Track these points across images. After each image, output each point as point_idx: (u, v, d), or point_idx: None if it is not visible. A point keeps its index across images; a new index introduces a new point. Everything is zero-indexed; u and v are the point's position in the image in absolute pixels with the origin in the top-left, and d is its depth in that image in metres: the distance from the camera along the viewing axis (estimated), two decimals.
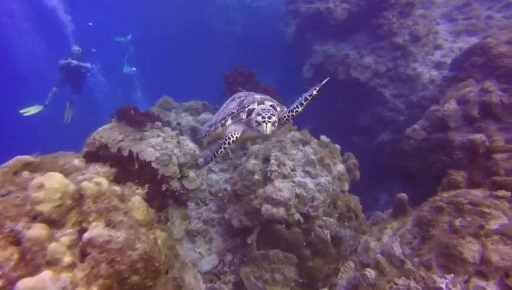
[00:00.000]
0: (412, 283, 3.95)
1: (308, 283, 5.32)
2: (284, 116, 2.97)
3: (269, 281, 5.11)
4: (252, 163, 5.41)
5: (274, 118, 2.77)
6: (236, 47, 22.06)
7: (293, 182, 5.27)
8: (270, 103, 3.06)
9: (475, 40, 8.97)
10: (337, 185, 5.65)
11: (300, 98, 2.94)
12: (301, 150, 5.71)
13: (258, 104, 3.02)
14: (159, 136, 5.53)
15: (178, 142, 5.52)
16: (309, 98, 2.85)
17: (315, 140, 6.31)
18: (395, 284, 4.12)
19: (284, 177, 5.25)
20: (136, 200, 2.92)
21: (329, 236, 5.34)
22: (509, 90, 6.60)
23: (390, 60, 9.88)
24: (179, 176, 5.32)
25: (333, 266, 5.39)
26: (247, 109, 3.00)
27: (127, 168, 3.44)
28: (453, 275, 3.72)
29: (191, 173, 5.50)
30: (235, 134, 3.05)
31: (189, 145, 5.71)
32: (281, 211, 4.96)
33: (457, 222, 4.14)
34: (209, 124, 3.58)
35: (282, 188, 5.02)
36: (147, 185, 3.67)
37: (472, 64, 7.60)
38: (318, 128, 7.16)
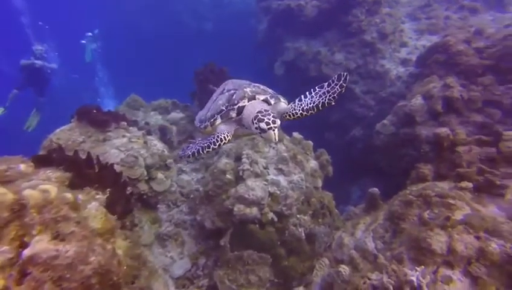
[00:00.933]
0: (385, 277, 3.97)
1: (283, 283, 5.25)
2: (296, 113, 2.70)
3: (244, 283, 4.99)
4: (224, 162, 5.25)
5: (278, 121, 2.44)
6: (208, 44, 21.68)
7: (266, 180, 5.17)
8: (262, 97, 2.74)
9: (436, 39, 9.35)
10: (310, 182, 5.63)
11: (313, 99, 2.67)
12: (273, 148, 5.62)
13: (248, 100, 2.71)
14: (124, 136, 5.20)
15: (145, 142, 5.23)
16: (326, 105, 2.62)
17: (287, 137, 6.26)
18: (369, 279, 4.13)
19: (257, 175, 5.13)
20: (93, 207, 2.67)
21: (303, 234, 5.30)
22: (467, 86, 6.92)
23: (360, 57, 10.07)
24: (147, 177, 5.04)
25: (308, 263, 5.36)
26: (236, 107, 2.71)
27: (84, 172, 3.15)
28: (423, 267, 3.78)
29: (160, 175, 5.24)
30: (227, 137, 2.77)
31: (157, 145, 5.43)
32: (254, 211, 4.84)
33: (426, 215, 4.22)
34: (200, 120, 3.23)
35: (254, 187, 4.91)
36: (108, 190, 3.41)
37: (435, 61, 7.89)
38: (290, 125, 7.12)
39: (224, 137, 2.76)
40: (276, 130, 2.41)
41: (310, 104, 2.67)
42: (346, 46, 10.36)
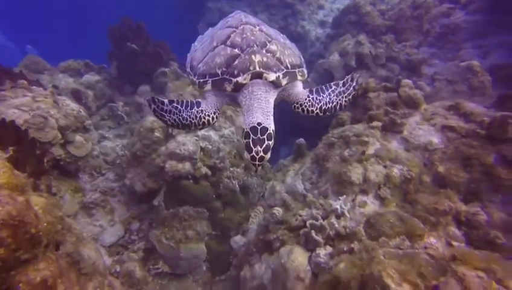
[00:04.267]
0: (314, 211, 4.39)
1: (221, 234, 5.40)
2: (313, 110, 2.37)
3: (182, 239, 4.98)
4: (151, 120, 4.96)
5: (268, 156, 1.99)
6: (127, 3, 19.38)
7: (197, 135, 5.08)
8: (272, 77, 2.09)
9: (349, 2, 10.05)
10: (241, 136, 5.72)
11: (331, 98, 2.39)
12: None
13: (252, 78, 2.05)
14: (25, 96, 4.44)
15: (55, 101, 4.55)
16: (343, 107, 2.41)
17: None
18: (300, 215, 4.50)
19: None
20: None
21: (237, 186, 5.46)
22: (374, 43, 7.72)
23: (282, 19, 10.29)
24: (62, 141, 4.46)
25: (244, 213, 5.59)
26: (234, 81, 2.07)
27: None
28: (344, 196, 4.28)
29: (78, 137, 4.69)
30: (214, 118, 2.29)
31: (71, 105, 4.80)
32: (186, 166, 4.76)
33: (345, 153, 4.73)
34: (191, 65, 2.49)
35: (185, 142, 4.79)
36: (11, 148, 2.95)
37: (348, 21, 8.55)
38: None
39: (210, 120, 2.28)
40: (260, 168, 2.01)
41: (329, 103, 2.37)
42: (268, 7, 10.43)
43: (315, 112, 2.36)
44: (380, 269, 2.82)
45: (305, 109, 2.37)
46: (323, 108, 2.36)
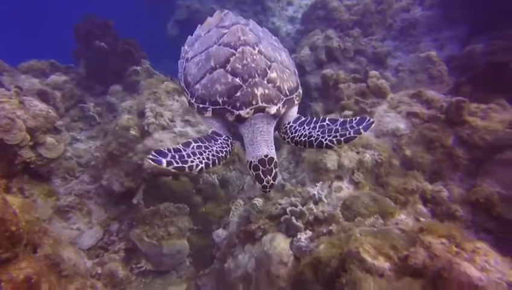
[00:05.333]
0: (293, 199, 4.56)
1: (203, 229, 5.44)
2: (284, 138, 2.31)
3: (164, 236, 4.96)
4: (126, 118, 4.89)
5: (276, 182, 2.08)
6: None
7: (174, 132, 5.08)
8: (273, 110, 2.12)
9: None
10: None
11: (312, 132, 2.20)
12: (177, 100, 5.50)
13: (254, 112, 2.08)
14: None
15: (21, 102, 4.36)
16: (324, 147, 2.21)
17: None
18: (280, 204, 4.65)
19: (164, 128, 4.99)
20: None
21: (216, 180, 5.51)
22: (342, 37, 8.05)
23: (253, 15, 10.38)
24: (32, 143, 4.28)
25: (224, 207, 5.66)
26: (236, 113, 2.09)
27: None
28: (321, 182, 4.48)
29: (49, 139, 4.52)
30: (232, 143, 2.24)
31: (39, 105, 4.61)
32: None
33: None
34: (186, 82, 2.45)
35: (163, 139, 4.78)
36: None
37: (317, 17, 8.85)
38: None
39: (231, 149, 2.25)
40: (271, 190, 2.10)
41: (304, 137, 2.21)
42: (238, 4, 10.49)
43: (286, 139, 2.32)
44: (357, 246, 3.01)
45: (280, 133, 2.37)
46: (295, 139, 2.27)
